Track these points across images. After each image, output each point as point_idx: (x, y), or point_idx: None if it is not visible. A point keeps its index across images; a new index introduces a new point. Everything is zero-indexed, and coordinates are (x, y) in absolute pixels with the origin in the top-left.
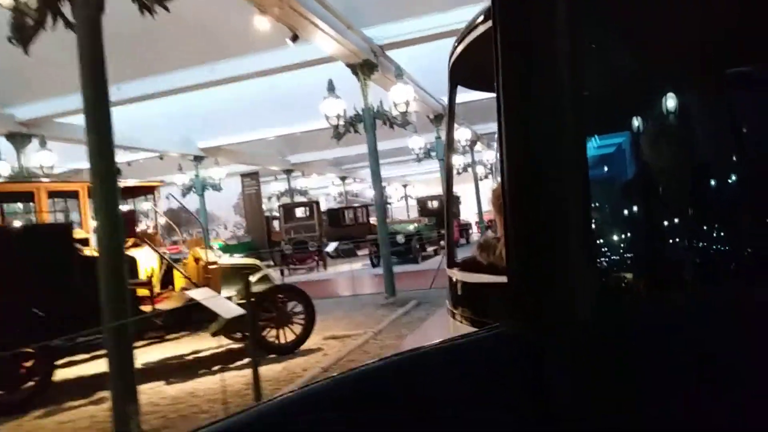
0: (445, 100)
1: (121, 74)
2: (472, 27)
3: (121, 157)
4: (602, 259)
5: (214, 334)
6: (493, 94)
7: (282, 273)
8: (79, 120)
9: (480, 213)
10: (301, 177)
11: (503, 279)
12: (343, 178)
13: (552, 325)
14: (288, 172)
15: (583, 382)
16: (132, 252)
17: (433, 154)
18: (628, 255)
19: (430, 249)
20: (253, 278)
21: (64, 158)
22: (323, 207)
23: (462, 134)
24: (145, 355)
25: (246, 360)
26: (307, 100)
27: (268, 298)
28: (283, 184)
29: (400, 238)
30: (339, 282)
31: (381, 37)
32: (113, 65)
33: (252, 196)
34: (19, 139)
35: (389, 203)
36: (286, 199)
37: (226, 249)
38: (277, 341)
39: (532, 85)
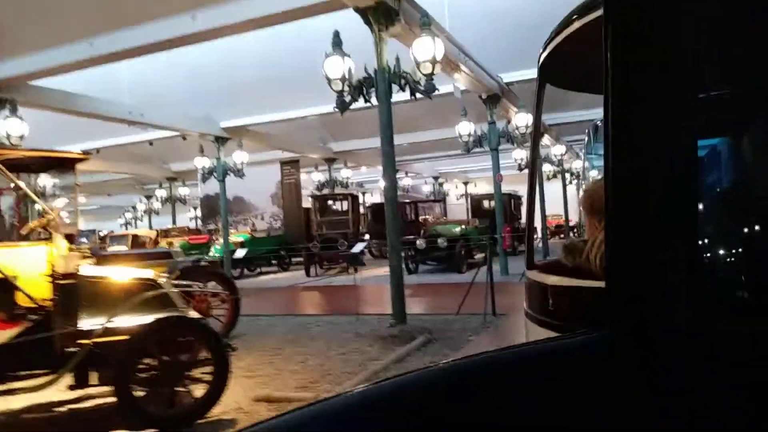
0: (504, 77)
1: (92, 28)
2: (565, 24)
3: (140, 135)
4: (709, 266)
5: (71, 387)
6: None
7: (308, 273)
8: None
9: (543, 217)
10: (345, 168)
11: (591, 283)
12: None
13: (651, 333)
14: (330, 161)
15: (676, 393)
16: None
17: (485, 142)
18: (736, 263)
19: (479, 256)
20: (140, 300)
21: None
22: (373, 201)
23: (523, 119)
24: None
25: None
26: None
27: (150, 337)
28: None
29: (442, 242)
30: (351, 292)
31: None
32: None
33: (291, 186)
34: None
35: (437, 201)
36: (323, 192)
37: (252, 243)
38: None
39: (645, 84)
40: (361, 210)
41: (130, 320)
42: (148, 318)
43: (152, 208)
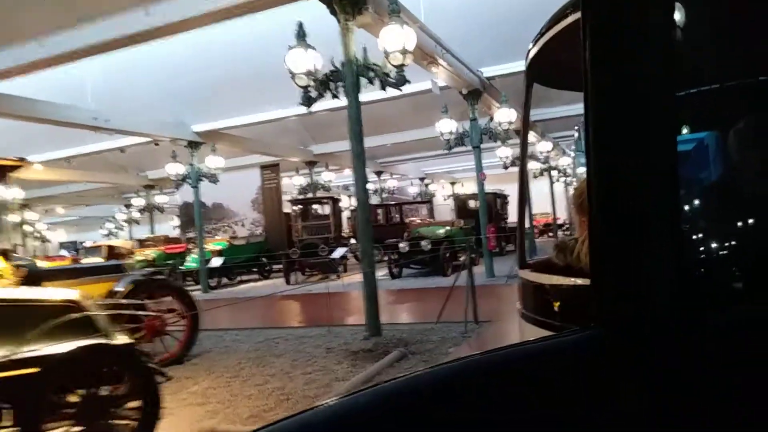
0: (484, 71)
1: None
2: (552, 23)
3: (112, 142)
4: (692, 261)
5: None
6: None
7: (288, 281)
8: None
9: (530, 216)
10: (327, 170)
11: (583, 281)
12: (378, 173)
13: (637, 328)
14: (311, 164)
15: (670, 387)
16: None
17: (467, 140)
18: (718, 257)
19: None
20: (56, 325)
21: None
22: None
23: (506, 115)
24: None
25: None
26: None
27: (66, 368)
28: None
29: (426, 245)
30: (329, 300)
31: None
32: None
33: (272, 191)
34: None
35: (422, 202)
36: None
37: (230, 251)
38: None
39: (623, 81)
40: (348, 214)
41: (44, 349)
42: (65, 346)
43: (132, 218)
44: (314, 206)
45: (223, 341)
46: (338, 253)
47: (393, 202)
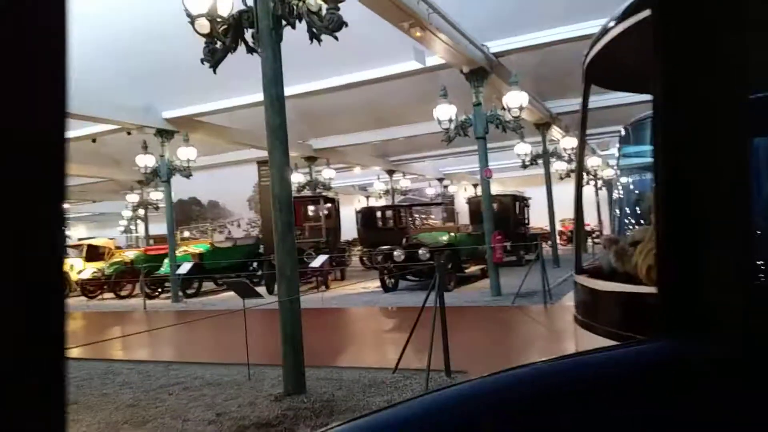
0: (490, 46)
1: None
2: (611, 26)
3: (80, 130)
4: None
5: None
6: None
7: (270, 290)
8: None
9: (552, 221)
10: (327, 167)
11: (645, 289)
12: (390, 172)
13: (706, 338)
14: (310, 159)
15: (741, 397)
16: None
17: (472, 131)
18: None
19: (475, 268)
20: None
21: None
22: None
23: (516, 99)
24: None
25: None
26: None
27: None
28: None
29: (423, 253)
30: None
31: None
32: None
33: (268, 189)
34: None
35: (436, 204)
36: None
37: (212, 255)
38: None
39: (695, 83)
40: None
41: None
42: None
43: (138, 215)
44: (305, 206)
45: (101, 385)
46: (318, 261)
47: (396, 204)
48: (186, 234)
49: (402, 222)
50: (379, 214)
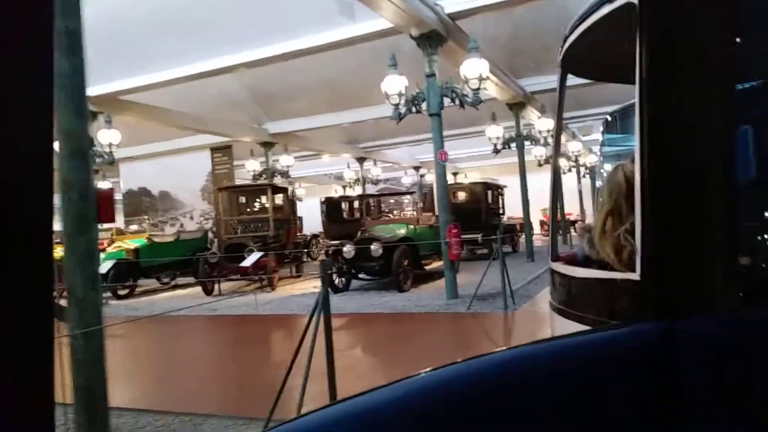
0: (444, 5)
1: None
2: (588, 13)
3: None
4: (747, 252)
5: None
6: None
7: (207, 291)
8: None
9: (526, 210)
10: (285, 153)
11: (620, 275)
12: (361, 160)
13: (691, 319)
14: (267, 145)
15: (722, 376)
16: None
17: (424, 107)
18: None
19: (436, 265)
20: None
21: None
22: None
23: (475, 68)
24: None
25: None
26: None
27: None
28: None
29: (375, 249)
30: (200, 332)
31: None
32: None
33: (223, 177)
34: None
35: (403, 193)
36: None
37: (150, 250)
38: None
39: (680, 74)
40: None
41: None
42: None
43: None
44: (252, 196)
45: None
46: (249, 259)
47: (363, 194)
48: (134, 227)
49: (371, 213)
50: (345, 205)
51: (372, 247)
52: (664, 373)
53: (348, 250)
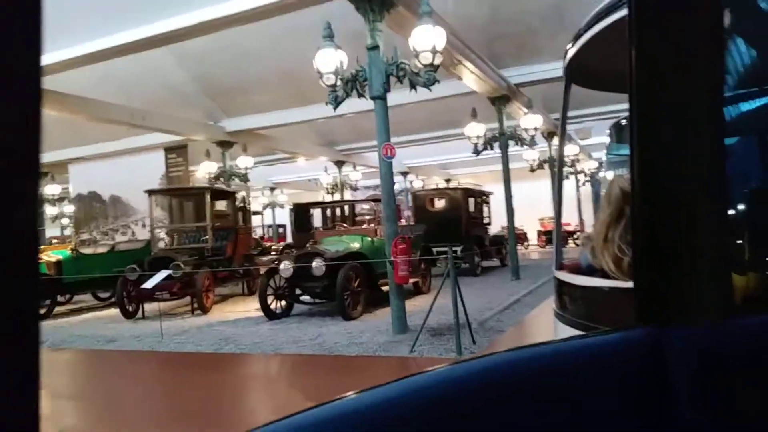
0: None
1: None
2: (590, 24)
3: None
4: (741, 260)
5: None
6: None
7: (125, 313)
8: None
9: (511, 219)
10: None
11: (623, 284)
12: (339, 163)
13: (682, 327)
14: (225, 145)
15: (713, 386)
16: None
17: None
18: (765, 256)
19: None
20: None
21: None
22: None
23: (427, 39)
24: None
25: None
26: None
27: None
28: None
29: (317, 266)
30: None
31: None
32: None
33: (178, 180)
34: None
35: (371, 200)
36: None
37: (74, 264)
38: None
39: (671, 82)
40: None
41: None
42: None
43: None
44: (185, 201)
45: None
46: (153, 280)
47: (335, 201)
48: (84, 236)
49: (347, 221)
50: (316, 212)
51: (313, 264)
52: (651, 379)
53: (285, 267)
